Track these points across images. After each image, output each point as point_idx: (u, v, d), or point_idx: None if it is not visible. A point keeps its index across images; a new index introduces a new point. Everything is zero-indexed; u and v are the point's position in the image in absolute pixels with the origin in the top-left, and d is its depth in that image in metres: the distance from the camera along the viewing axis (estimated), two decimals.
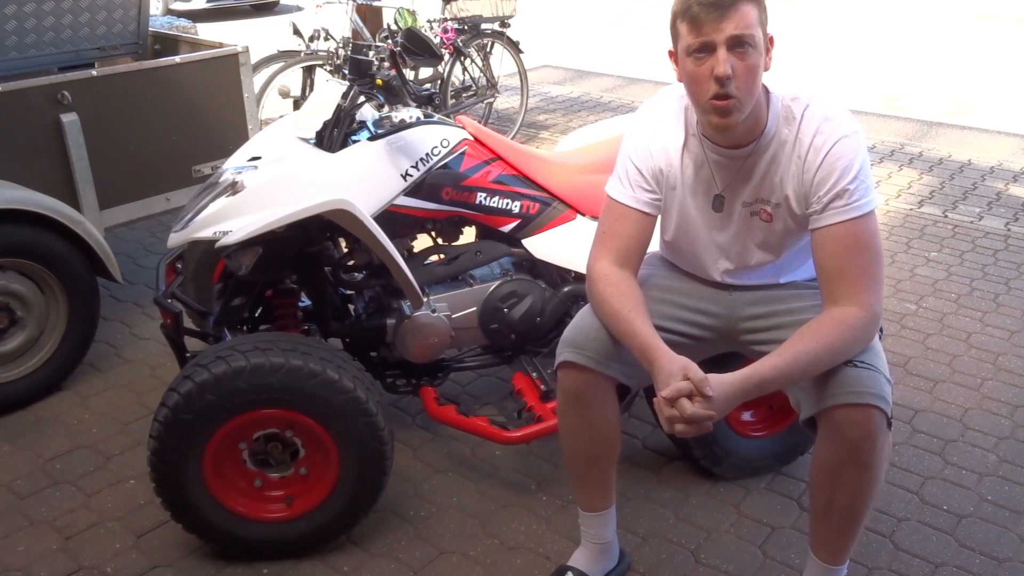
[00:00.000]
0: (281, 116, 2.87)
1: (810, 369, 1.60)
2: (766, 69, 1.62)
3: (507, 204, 2.38)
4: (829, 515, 1.75)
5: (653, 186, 1.81)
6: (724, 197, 1.76)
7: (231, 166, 2.26)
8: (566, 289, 2.48)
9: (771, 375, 1.58)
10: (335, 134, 2.25)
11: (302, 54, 4.82)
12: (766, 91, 1.68)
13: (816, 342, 1.59)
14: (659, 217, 1.87)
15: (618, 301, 1.73)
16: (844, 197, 1.62)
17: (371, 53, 2.46)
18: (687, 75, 1.62)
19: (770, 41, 1.62)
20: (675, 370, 1.57)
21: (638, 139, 1.82)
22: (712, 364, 2.19)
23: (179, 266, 2.62)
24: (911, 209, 4.55)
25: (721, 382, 1.56)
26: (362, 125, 2.35)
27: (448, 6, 5.26)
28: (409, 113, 2.37)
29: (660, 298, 1.90)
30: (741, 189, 1.75)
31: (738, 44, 1.54)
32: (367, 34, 5.19)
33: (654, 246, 2.16)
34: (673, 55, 1.67)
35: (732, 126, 1.62)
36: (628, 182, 1.82)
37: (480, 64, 5.57)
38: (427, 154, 2.27)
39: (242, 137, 3.41)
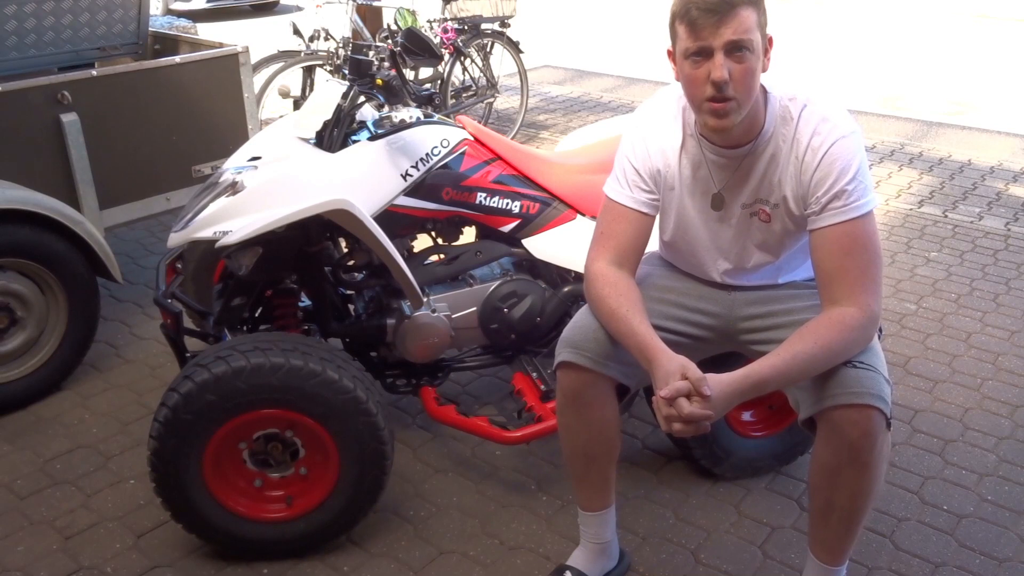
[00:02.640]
0: (281, 116, 2.87)
1: (808, 369, 1.60)
2: (764, 70, 1.62)
3: (507, 204, 2.38)
4: (828, 516, 1.75)
5: (651, 186, 1.81)
6: (723, 196, 1.77)
7: (231, 166, 2.26)
8: (566, 289, 2.48)
9: (769, 375, 1.58)
10: (335, 134, 2.25)
11: (302, 54, 4.82)
12: (764, 91, 1.68)
13: (814, 342, 1.59)
14: (657, 217, 1.87)
15: (616, 301, 1.73)
16: (842, 198, 1.62)
17: (371, 53, 2.46)
18: (684, 77, 1.62)
19: (769, 42, 1.62)
20: (673, 369, 1.57)
21: (636, 139, 1.82)
22: (712, 364, 2.19)
23: (179, 266, 2.61)
24: (911, 209, 4.55)
25: (719, 382, 1.56)
26: (362, 125, 2.35)
27: (448, 6, 5.26)
28: (409, 113, 2.37)
29: (659, 298, 1.90)
30: (740, 190, 1.75)
31: (736, 49, 1.55)
32: (367, 34, 5.19)
33: (652, 246, 2.16)
34: (671, 55, 1.68)
35: (728, 128, 1.62)
36: (626, 182, 1.81)
37: (480, 64, 5.57)
38: (427, 154, 2.27)
39: (242, 137, 3.41)
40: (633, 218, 1.80)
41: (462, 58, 5.36)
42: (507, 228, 2.41)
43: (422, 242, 2.48)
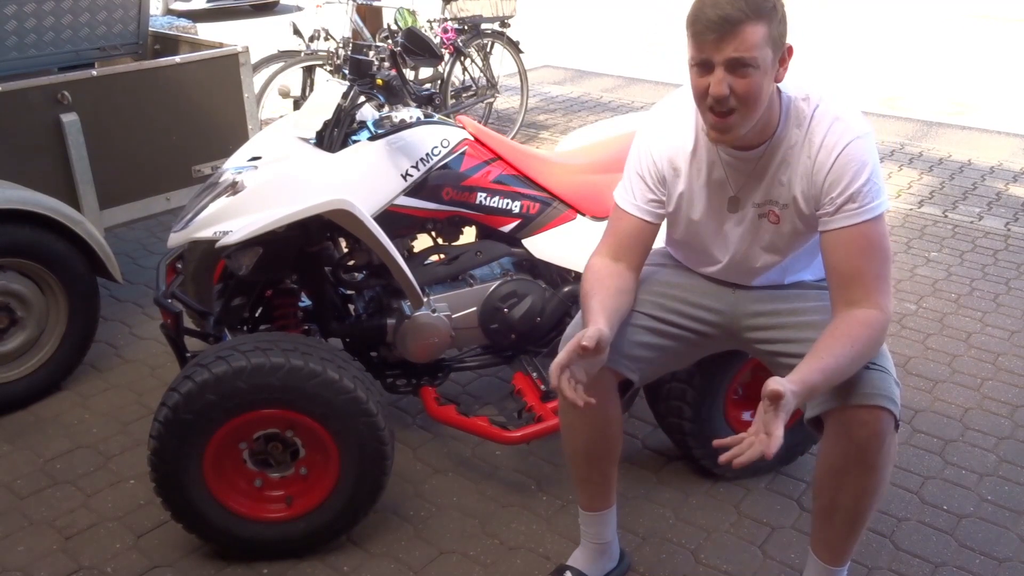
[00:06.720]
0: (281, 116, 2.87)
1: (847, 372, 1.58)
2: (778, 80, 1.62)
3: (507, 204, 2.38)
4: (832, 516, 1.74)
5: (657, 194, 1.82)
6: (739, 199, 1.76)
7: (231, 166, 2.26)
8: (566, 289, 2.48)
9: (820, 379, 1.53)
10: (335, 134, 2.25)
11: (302, 54, 4.82)
12: (778, 91, 1.67)
13: (851, 345, 1.57)
14: (665, 218, 1.87)
15: (591, 286, 1.75)
16: (857, 200, 1.61)
17: (371, 53, 2.46)
18: (692, 84, 1.63)
19: (788, 51, 1.61)
20: (589, 334, 1.57)
21: (643, 148, 1.83)
22: (712, 362, 2.20)
23: (179, 266, 2.61)
24: (911, 209, 4.55)
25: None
26: (362, 125, 2.35)
27: (448, 6, 5.26)
28: (409, 113, 2.37)
29: (663, 292, 1.91)
30: (754, 191, 1.75)
31: (738, 65, 1.53)
32: (367, 34, 5.19)
33: (660, 242, 2.16)
34: None
35: (729, 141, 1.63)
36: (631, 189, 1.84)
37: (480, 64, 5.56)
38: (427, 154, 2.27)
39: (242, 137, 3.41)
40: (635, 223, 1.82)
41: (462, 58, 5.36)
42: (507, 228, 2.40)
43: (422, 242, 2.48)
